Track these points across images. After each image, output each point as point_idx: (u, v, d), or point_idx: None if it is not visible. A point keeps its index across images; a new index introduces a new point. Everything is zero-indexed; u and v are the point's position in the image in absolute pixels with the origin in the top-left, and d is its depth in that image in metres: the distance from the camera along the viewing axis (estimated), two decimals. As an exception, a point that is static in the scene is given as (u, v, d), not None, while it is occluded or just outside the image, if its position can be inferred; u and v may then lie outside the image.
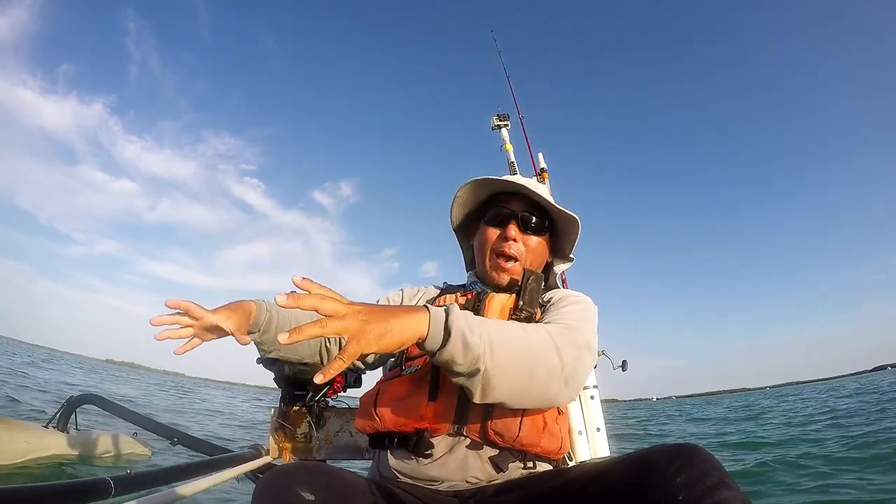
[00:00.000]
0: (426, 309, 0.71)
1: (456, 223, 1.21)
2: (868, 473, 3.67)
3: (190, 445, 2.34)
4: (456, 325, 0.69)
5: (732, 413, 14.14)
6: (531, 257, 1.09)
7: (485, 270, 1.10)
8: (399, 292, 1.18)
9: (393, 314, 0.67)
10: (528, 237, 1.09)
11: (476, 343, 0.69)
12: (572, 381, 0.81)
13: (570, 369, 0.80)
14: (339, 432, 1.77)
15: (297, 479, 0.68)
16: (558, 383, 0.79)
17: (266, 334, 0.97)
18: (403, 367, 0.96)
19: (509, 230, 1.06)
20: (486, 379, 0.71)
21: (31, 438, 2.84)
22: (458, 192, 1.13)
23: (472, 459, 0.87)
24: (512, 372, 0.74)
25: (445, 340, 0.69)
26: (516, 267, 1.06)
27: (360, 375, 1.90)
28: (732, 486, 0.61)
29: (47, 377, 11.80)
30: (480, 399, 0.74)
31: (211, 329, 0.89)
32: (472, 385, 0.72)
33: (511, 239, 1.06)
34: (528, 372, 0.76)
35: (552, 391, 0.79)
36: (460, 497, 0.86)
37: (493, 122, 2.39)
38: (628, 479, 0.69)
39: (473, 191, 1.13)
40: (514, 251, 1.06)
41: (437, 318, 0.70)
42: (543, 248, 1.12)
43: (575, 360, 0.81)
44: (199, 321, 0.87)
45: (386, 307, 0.69)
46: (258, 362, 1.76)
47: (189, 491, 1.22)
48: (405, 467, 0.88)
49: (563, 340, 0.81)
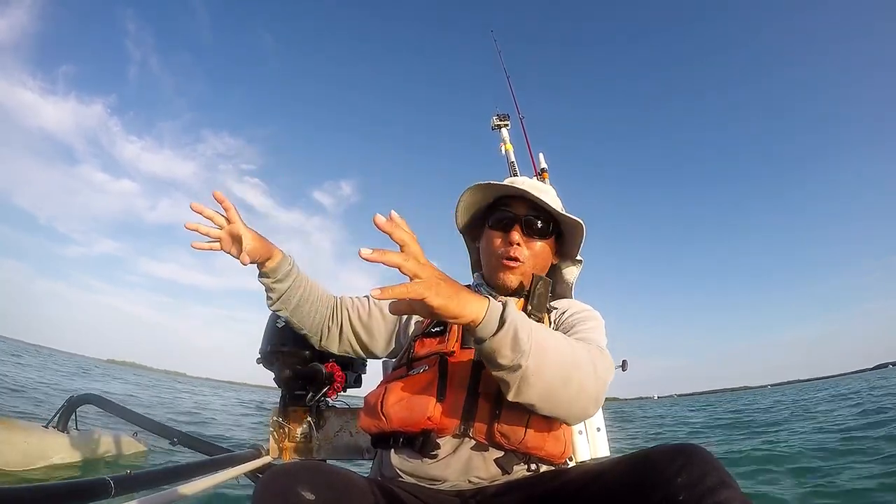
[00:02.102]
0: (486, 297, 0.74)
1: (461, 226, 1.21)
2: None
3: (190, 445, 2.34)
4: (511, 318, 0.71)
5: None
6: (535, 261, 1.08)
7: (490, 273, 1.11)
8: None
9: (462, 288, 0.71)
10: (532, 241, 1.08)
11: (524, 340, 0.71)
12: (600, 400, 0.84)
13: (602, 389, 0.83)
14: (340, 432, 1.77)
15: (298, 478, 0.68)
16: (588, 398, 0.81)
17: (281, 283, 1.04)
18: (409, 366, 0.96)
19: (513, 235, 1.06)
20: (525, 377, 0.73)
21: (30, 439, 2.84)
22: (461, 196, 1.13)
23: (476, 460, 0.87)
24: (550, 376, 0.75)
25: (497, 330, 0.70)
26: (521, 268, 1.06)
27: (360, 375, 1.91)
28: (733, 486, 0.61)
29: (47, 377, 11.80)
30: (514, 396, 0.76)
31: (235, 240, 0.96)
32: (511, 380, 0.74)
33: (515, 243, 1.06)
34: (565, 381, 0.77)
35: (582, 404, 0.81)
36: (462, 497, 0.86)
37: (494, 122, 2.39)
38: (629, 480, 0.69)
39: (478, 194, 1.13)
40: (518, 255, 1.06)
41: (495, 307, 0.72)
42: (548, 251, 1.12)
43: (606, 381, 0.84)
44: (230, 227, 0.96)
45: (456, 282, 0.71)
46: (258, 362, 1.76)
47: (189, 491, 1.22)
48: (408, 467, 0.88)
49: (601, 363, 0.84)
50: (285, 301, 1.06)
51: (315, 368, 1.68)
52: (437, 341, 0.98)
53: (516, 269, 1.06)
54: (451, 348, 0.94)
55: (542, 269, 1.11)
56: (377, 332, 1.16)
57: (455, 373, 0.90)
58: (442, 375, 0.90)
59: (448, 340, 0.96)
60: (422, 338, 1.01)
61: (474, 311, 0.70)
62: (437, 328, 1.00)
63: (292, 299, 1.07)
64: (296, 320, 1.10)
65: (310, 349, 1.68)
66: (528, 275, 1.06)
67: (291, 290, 1.06)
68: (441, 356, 0.93)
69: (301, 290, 1.08)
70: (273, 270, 1.02)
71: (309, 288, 1.09)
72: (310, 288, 1.10)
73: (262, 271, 1.04)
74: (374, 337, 1.16)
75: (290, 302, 1.07)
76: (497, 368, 0.74)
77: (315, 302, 1.11)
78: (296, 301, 1.07)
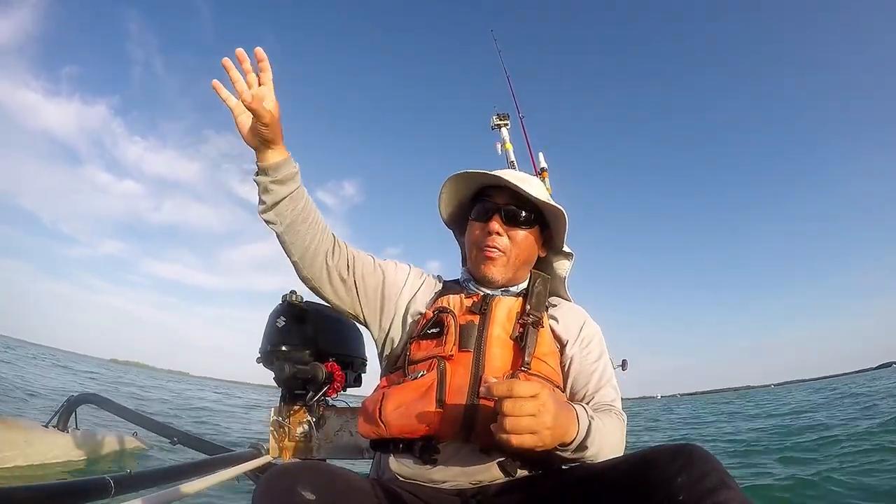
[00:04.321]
0: (576, 416, 0.82)
1: (446, 218, 1.19)
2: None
3: (190, 445, 2.34)
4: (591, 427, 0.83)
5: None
6: (517, 251, 1.05)
7: (474, 266, 1.08)
8: (408, 266, 1.16)
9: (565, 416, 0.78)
10: (514, 231, 1.05)
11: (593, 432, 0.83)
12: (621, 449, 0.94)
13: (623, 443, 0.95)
14: (339, 432, 1.76)
15: (298, 478, 0.68)
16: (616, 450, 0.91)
17: (281, 186, 0.93)
18: (407, 371, 0.93)
19: (492, 224, 1.04)
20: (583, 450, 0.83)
21: (30, 438, 2.84)
22: (442, 187, 1.11)
23: (477, 465, 0.86)
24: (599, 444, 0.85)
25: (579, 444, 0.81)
26: (502, 259, 1.04)
27: (360, 375, 1.91)
28: (733, 487, 0.61)
29: (48, 377, 11.79)
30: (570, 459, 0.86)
31: (254, 106, 0.85)
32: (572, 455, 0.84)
33: (494, 232, 1.03)
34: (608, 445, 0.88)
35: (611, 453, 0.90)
36: (462, 496, 0.86)
37: (494, 122, 2.39)
38: (629, 479, 0.69)
39: (460, 186, 1.11)
40: (499, 245, 1.03)
41: (584, 421, 0.83)
42: (531, 241, 1.08)
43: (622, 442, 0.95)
44: (257, 91, 0.85)
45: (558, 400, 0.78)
46: (258, 361, 1.76)
47: (189, 490, 1.22)
48: (407, 471, 0.88)
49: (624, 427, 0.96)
50: (281, 211, 0.94)
51: (315, 368, 1.68)
52: (434, 344, 0.94)
53: (497, 259, 1.03)
54: (449, 352, 0.91)
55: (526, 261, 1.08)
56: (372, 294, 1.08)
57: (454, 377, 0.88)
58: (441, 380, 0.87)
59: (446, 343, 0.93)
60: (418, 340, 0.98)
61: (573, 432, 0.79)
62: (434, 330, 0.97)
63: (288, 211, 0.94)
64: (288, 238, 0.97)
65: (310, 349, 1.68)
66: (513, 267, 1.04)
67: (292, 200, 0.94)
68: (439, 360, 0.90)
69: (301, 203, 0.96)
70: (275, 167, 0.91)
71: (309, 206, 0.97)
72: (310, 206, 0.97)
73: (260, 165, 0.92)
74: (366, 297, 1.07)
75: (286, 213, 0.94)
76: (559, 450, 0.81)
77: (313, 224, 0.98)
78: (293, 215, 0.95)
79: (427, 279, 1.15)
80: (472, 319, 0.96)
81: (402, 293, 1.09)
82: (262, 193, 0.94)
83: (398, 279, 1.10)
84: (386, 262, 1.13)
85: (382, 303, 1.09)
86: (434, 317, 0.98)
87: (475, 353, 0.91)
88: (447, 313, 0.97)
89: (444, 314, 0.97)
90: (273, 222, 0.96)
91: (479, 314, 0.97)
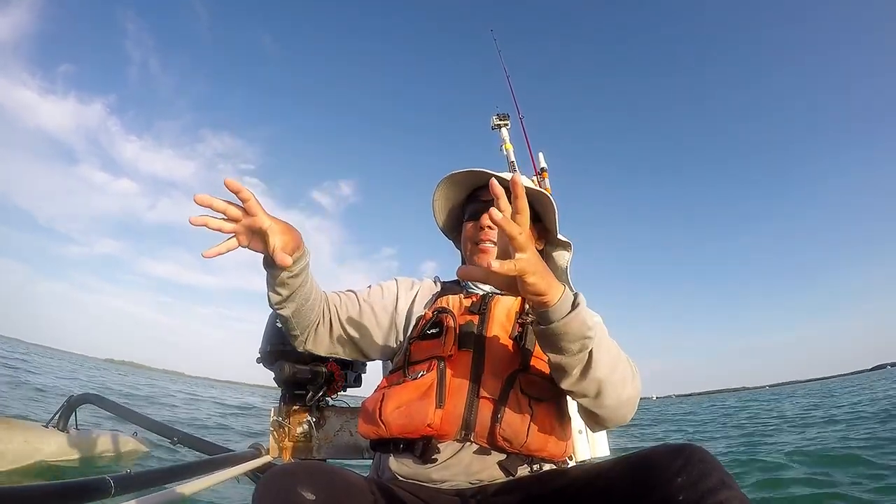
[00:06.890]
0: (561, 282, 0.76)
1: (442, 225, 1.21)
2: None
3: (190, 445, 2.34)
4: (583, 304, 0.74)
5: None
6: None
7: (469, 263, 1.09)
8: (393, 282, 1.16)
9: (549, 269, 0.73)
10: None
11: (592, 325, 0.75)
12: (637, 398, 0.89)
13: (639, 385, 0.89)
14: (339, 432, 1.77)
15: (298, 478, 0.68)
16: (631, 389, 0.86)
17: (296, 278, 0.88)
18: (407, 371, 0.93)
19: (484, 219, 1.05)
20: (590, 360, 0.77)
21: (30, 438, 2.83)
22: (433, 195, 1.13)
23: (477, 464, 0.86)
24: (605, 362, 0.80)
25: (569, 311, 0.73)
26: (495, 251, 1.04)
27: (360, 375, 1.91)
28: (733, 487, 0.61)
29: (47, 376, 11.78)
30: (572, 384, 0.80)
31: (256, 235, 0.78)
32: (575, 362, 0.77)
33: (487, 226, 1.05)
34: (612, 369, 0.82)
35: (627, 392, 0.86)
36: (462, 496, 0.86)
37: (493, 122, 2.39)
38: (628, 480, 0.69)
39: (450, 192, 1.13)
40: (492, 237, 1.05)
41: (568, 292, 0.74)
42: None
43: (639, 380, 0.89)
44: (250, 220, 0.76)
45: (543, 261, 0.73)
46: (258, 362, 1.77)
47: (189, 490, 1.22)
48: (407, 471, 0.88)
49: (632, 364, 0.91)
50: (293, 299, 0.91)
51: (315, 368, 1.68)
52: (433, 344, 0.95)
53: (491, 250, 1.04)
54: (448, 352, 0.91)
55: None
56: (370, 333, 1.07)
57: (454, 376, 0.88)
58: (440, 380, 0.88)
59: (445, 343, 0.93)
60: (418, 341, 0.98)
61: (556, 292, 0.72)
62: (434, 330, 0.97)
63: (299, 297, 0.93)
64: (294, 321, 0.96)
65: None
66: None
67: (302, 287, 0.92)
68: (439, 360, 0.90)
69: (309, 283, 0.94)
70: (293, 263, 0.85)
71: (311, 283, 0.95)
72: (312, 283, 0.95)
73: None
74: (366, 338, 1.07)
75: (297, 300, 0.93)
76: (559, 352, 0.76)
77: (314, 300, 0.97)
78: (301, 299, 0.93)
79: (420, 286, 1.16)
80: (471, 319, 0.97)
81: (398, 309, 1.10)
82: (277, 287, 0.88)
83: (387, 303, 1.10)
84: (370, 290, 1.12)
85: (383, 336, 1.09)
86: (433, 317, 0.99)
87: (475, 352, 0.91)
88: (446, 313, 0.97)
89: (444, 314, 0.97)
90: (283, 309, 0.93)
91: (478, 314, 0.98)
